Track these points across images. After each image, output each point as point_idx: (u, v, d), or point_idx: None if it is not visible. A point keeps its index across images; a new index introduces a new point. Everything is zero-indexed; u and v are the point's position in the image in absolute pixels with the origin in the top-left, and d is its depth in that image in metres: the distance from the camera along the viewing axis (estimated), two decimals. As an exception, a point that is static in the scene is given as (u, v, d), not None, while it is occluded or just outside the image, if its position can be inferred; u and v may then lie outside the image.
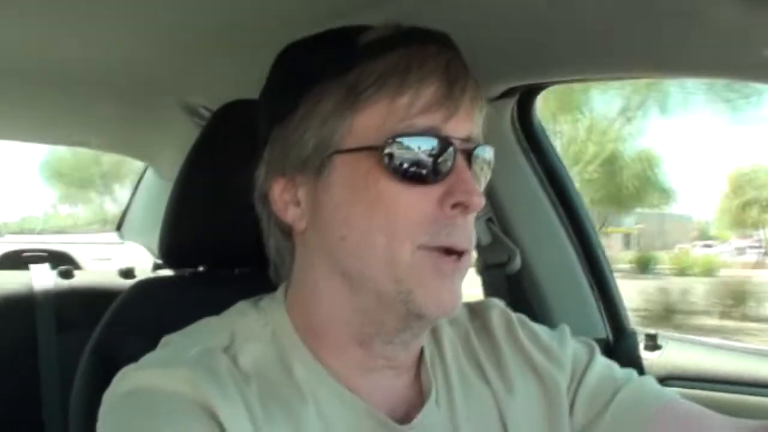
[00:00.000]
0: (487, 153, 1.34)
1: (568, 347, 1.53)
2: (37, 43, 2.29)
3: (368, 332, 1.30)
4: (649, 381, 1.53)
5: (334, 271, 1.30)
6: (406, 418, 1.34)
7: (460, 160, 1.26)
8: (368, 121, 1.25)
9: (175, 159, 1.96)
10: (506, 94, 2.32)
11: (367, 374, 1.33)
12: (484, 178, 1.35)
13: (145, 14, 2.02)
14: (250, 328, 1.33)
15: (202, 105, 2.90)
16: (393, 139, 1.22)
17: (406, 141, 1.22)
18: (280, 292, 1.41)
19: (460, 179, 1.24)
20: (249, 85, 1.47)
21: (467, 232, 1.27)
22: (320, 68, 1.30)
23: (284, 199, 1.34)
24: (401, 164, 1.22)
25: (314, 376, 1.29)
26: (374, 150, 1.23)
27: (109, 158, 14.79)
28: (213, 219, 1.68)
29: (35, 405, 3.04)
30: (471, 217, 1.28)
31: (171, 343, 1.32)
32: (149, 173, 4.61)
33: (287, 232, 1.38)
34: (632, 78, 1.99)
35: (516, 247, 2.50)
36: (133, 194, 5.04)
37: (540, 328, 1.57)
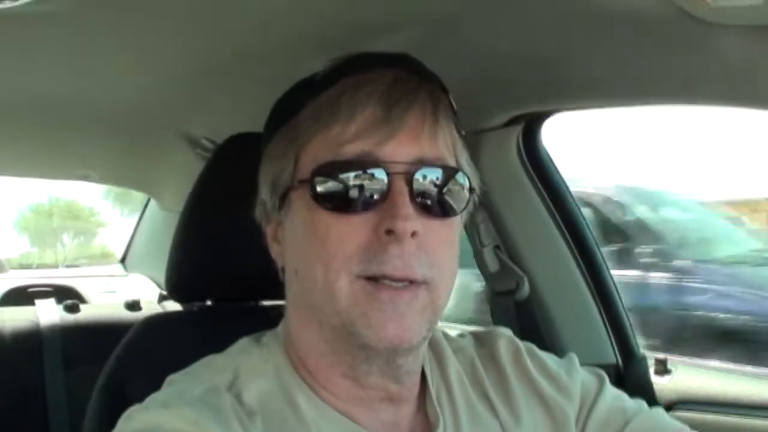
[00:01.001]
0: (436, 174, 1.27)
1: (576, 377, 1.51)
2: (37, 80, 2.29)
3: (346, 363, 1.29)
4: (659, 413, 1.52)
5: (303, 305, 1.31)
6: None
7: (398, 185, 1.22)
8: (308, 156, 1.27)
9: (177, 190, 1.96)
10: (512, 122, 2.32)
11: (367, 407, 1.32)
12: (458, 201, 1.30)
13: (146, 48, 2.02)
14: (253, 365, 1.32)
15: (204, 136, 2.89)
16: (318, 170, 1.23)
17: (331, 170, 1.22)
18: (280, 327, 1.41)
19: (392, 204, 1.21)
20: (251, 116, 1.48)
21: (405, 260, 1.21)
22: (280, 114, 1.35)
23: (272, 238, 1.39)
24: (326, 195, 1.22)
25: (318, 411, 1.28)
26: (307, 183, 1.24)
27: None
28: (219, 252, 1.68)
29: None
30: (417, 244, 1.22)
31: (175, 382, 1.31)
32: (152, 205, 4.61)
33: (283, 269, 1.39)
34: (642, 106, 1.97)
35: (524, 274, 2.49)
36: (137, 226, 5.06)
37: (548, 357, 1.55)
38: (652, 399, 2.45)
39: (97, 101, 2.57)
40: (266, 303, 1.78)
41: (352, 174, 1.22)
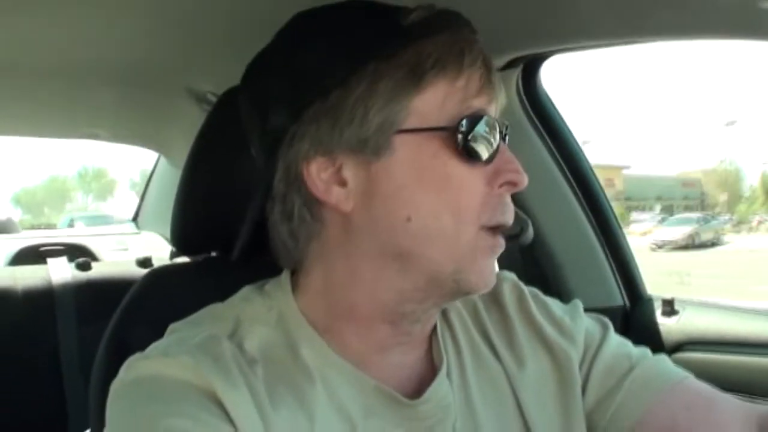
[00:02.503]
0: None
1: (580, 322, 1.52)
2: (40, 38, 2.29)
3: (401, 311, 1.30)
4: (664, 360, 1.52)
5: (385, 252, 1.27)
6: (417, 392, 1.33)
7: (502, 143, 1.29)
8: (431, 102, 1.24)
9: (185, 147, 1.96)
10: (510, 64, 2.31)
11: (381, 352, 1.33)
12: None
13: (152, 2, 2.02)
14: (255, 313, 1.33)
15: (209, 91, 2.89)
16: (460, 119, 1.23)
17: (471, 122, 1.23)
18: (285, 276, 1.40)
19: (506, 159, 1.28)
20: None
21: (512, 209, 1.30)
22: (371, 44, 1.27)
23: (324, 179, 1.28)
24: (466, 145, 1.23)
25: (321, 357, 1.29)
26: (441, 131, 1.23)
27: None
28: (222, 205, 1.68)
29: (59, 397, 3.06)
30: None
31: (177, 330, 1.32)
32: (162, 162, 4.61)
33: (317, 214, 1.32)
34: (638, 43, 1.96)
35: (528, 218, 2.49)
36: (148, 184, 5.06)
37: (552, 302, 1.57)
38: (659, 340, 2.48)
39: (104, 58, 2.56)
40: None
41: (484, 127, 1.24)
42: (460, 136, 1.23)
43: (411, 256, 1.26)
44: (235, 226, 1.68)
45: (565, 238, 2.59)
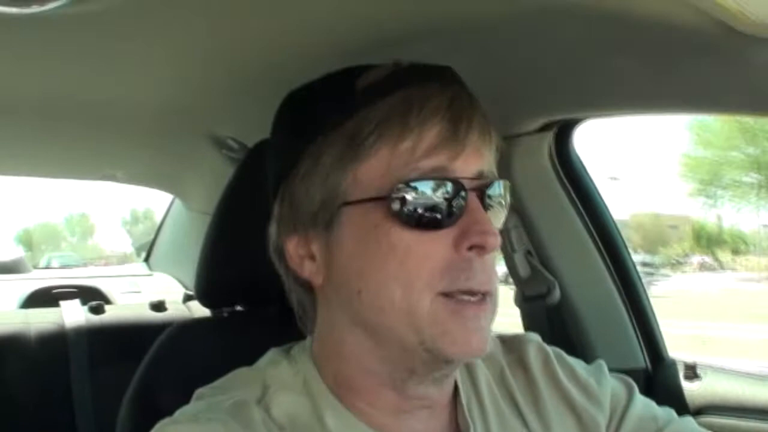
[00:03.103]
0: (499, 189, 1.29)
1: (606, 384, 1.50)
2: (62, 80, 2.28)
3: (399, 378, 1.27)
4: (690, 421, 1.51)
5: (356, 324, 1.27)
6: None
7: (473, 200, 1.22)
8: (372, 170, 1.22)
9: (203, 191, 1.96)
10: (544, 127, 2.30)
11: (401, 417, 1.31)
12: (501, 213, 1.31)
13: (173, 48, 2.01)
14: (281, 378, 1.31)
15: (230, 136, 2.88)
16: (400, 185, 1.19)
17: (414, 186, 1.19)
18: (308, 341, 1.39)
19: (474, 220, 1.21)
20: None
21: (487, 273, 1.23)
22: (320, 119, 1.28)
23: (299, 254, 1.32)
24: (412, 211, 1.19)
25: (346, 425, 1.27)
26: (381, 200, 1.20)
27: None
28: (251, 257, 1.66)
29: None
30: (490, 258, 1.24)
31: (204, 396, 1.31)
32: (177, 204, 4.61)
33: (307, 286, 1.36)
34: (669, 114, 1.97)
35: (555, 279, 2.49)
36: (161, 225, 5.06)
37: (577, 363, 1.54)
38: (682, 404, 2.44)
39: (124, 101, 2.56)
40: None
41: (437, 189, 1.20)
42: (397, 204, 1.19)
43: (374, 327, 1.25)
44: (261, 281, 1.67)
45: (591, 299, 2.57)
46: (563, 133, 2.43)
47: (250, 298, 1.76)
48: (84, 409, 3.07)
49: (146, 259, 5.32)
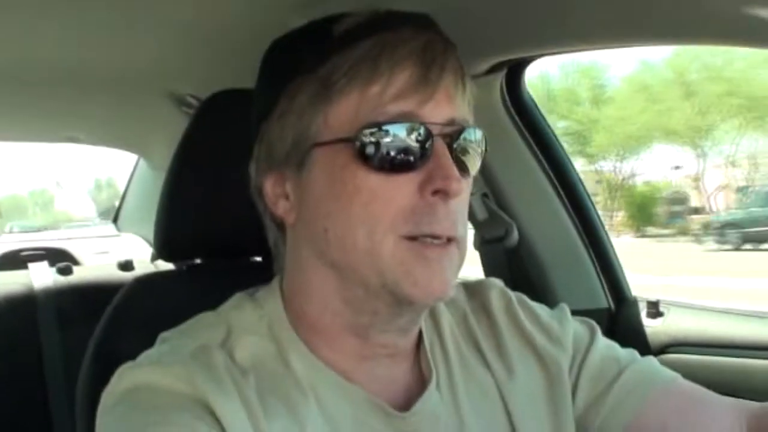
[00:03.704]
0: (473, 135, 1.29)
1: (568, 327, 1.51)
2: (19, 41, 2.27)
3: (362, 322, 1.29)
4: (652, 361, 1.51)
5: (323, 263, 1.28)
6: (406, 405, 1.32)
7: (440, 145, 1.23)
8: (342, 113, 1.23)
9: (165, 149, 1.95)
10: (494, 69, 2.30)
11: (364, 363, 1.32)
12: (476, 159, 1.31)
13: (130, 9, 2.01)
14: (246, 321, 1.32)
15: (189, 93, 2.88)
16: (365, 128, 1.20)
17: (380, 129, 1.20)
18: (275, 283, 1.40)
19: (439, 165, 1.21)
20: (235, 72, 1.47)
21: (451, 219, 1.23)
22: (297, 63, 1.29)
23: (276, 193, 1.34)
24: (376, 154, 1.20)
25: (312, 368, 1.28)
26: (348, 142, 1.21)
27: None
28: (207, 211, 1.67)
29: (42, 403, 3.04)
30: (456, 203, 1.24)
31: (168, 339, 1.31)
32: (141, 164, 4.61)
33: (280, 224, 1.38)
34: (621, 47, 1.96)
35: (512, 221, 2.49)
36: (128, 186, 5.05)
37: (540, 308, 1.55)
38: (644, 342, 2.47)
39: (83, 62, 2.55)
40: (257, 259, 1.78)
41: (398, 133, 1.20)
42: (359, 145, 1.20)
43: (339, 267, 1.26)
44: (219, 234, 1.67)
45: (550, 240, 2.59)
46: (514, 73, 2.44)
47: (209, 251, 1.76)
48: (54, 369, 3.07)
49: (114, 220, 5.31)
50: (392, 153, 1.20)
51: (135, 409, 1.16)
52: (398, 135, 1.20)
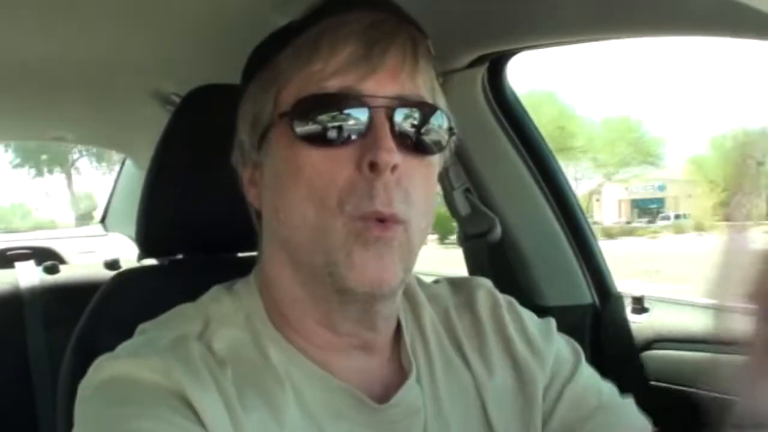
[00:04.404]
0: (429, 115, 1.28)
1: (552, 344, 1.50)
2: (6, 40, 2.28)
3: (321, 310, 1.28)
4: (629, 405, 1.50)
5: (279, 246, 1.30)
6: (384, 397, 1.31)
7: (379, 119, 1.21)
8: (288, 93, 1.25)
9: (150, 148, 1.95)
10: (475, 62, 2.29)
11: (339, 355, 1.32)
12: (433, 139, 1.29)
13: (111, 3, 2.01)
14: (223, 313, 1.32)
15: (173, 92, 2.89)
16: (298, 104, 1.22)
17: (315, 103, 1.22)
18: (252, 275, 1.40)
19: (373, 138, 1.20)
20: (217, 69, 1.47)
21: (389, 195, 1.20)
22: (259, 58, 1.35)
23: (249, 182, 1.37)
24: (312, 129, 1.21)
25: (289, 359, 1.28)
26: (287, 117, 1.23)
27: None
28: (188, 206, 1.67)
29: (29, 402, 3.04)
30: (398, 179, 1.21)
31: (146, 331, 1.31)
32: (128, 164, 4.61)
33: (258, 214, 1.39)
34: (605, 40, 1.95)
35: (495, 216, 2.49)
36: (115, 185, 5.05)
37: (528, 316, 1.54)
38: (629, 338, 2.47)
39: (68, 62, 2.57)
40: (240, 255, 1.78)
41: (333, 107, 1.21)
42: (298, 121, 1.22)
43: (290, 247, 1.28)
44: (201, 229, 1.67)
45: (534, 236, 2.58)
46: (496, 67, 2.43)
47: (191, 247, 1.76)
48: (40, 368, 3.07)
49: (102, 220, 5.31)
50: (330, 128, 1.21)
51: (111, 401, 1.16)
52: (335, 108, 1.21)
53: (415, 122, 1.26)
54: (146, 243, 1.75)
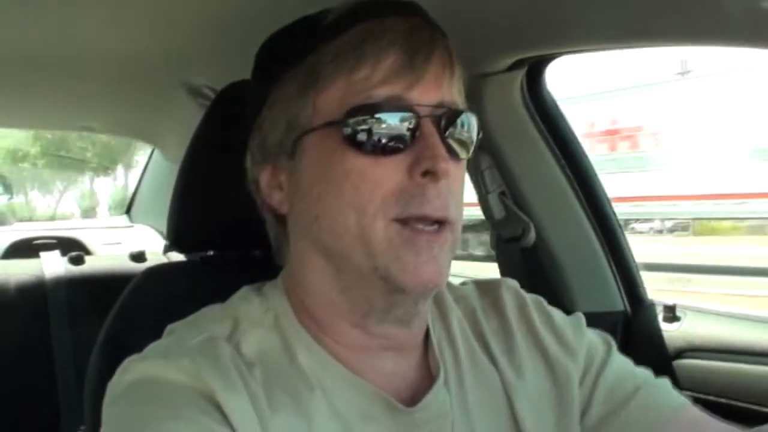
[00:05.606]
0: (465, 120, 1.30)
1: (582, 337, 1.50)
2: (38, 30, 2.28)
3: (359, 312, 1.28)
4: (666, 384, 1.50)
5: (317, 251, 1.29)
6: (413, 400, 1.31)
7: (428, 127, 1.23)
8: (330, 99, 1.25)
9: (180, 141, 1.95)
10: (514, 66, 2.29)
11: (369, 356, 1.31)
12: (468, 144, 1.32)
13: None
14: (252, 314, 1.32)
15: (205, 85, 2.88)
16: (352, 111, 1.22)
17: (367, 112, 1.21)
18: (280, 276, 1.40)
19: (427, 146, 1.22)
20: (251, 64, 1.45)
21: (442, 200, 1.23)
22: (286, 55, 1.32)
23: (270, 185, 1.36)
24: (364, 137, 1.21)
25: (318, 361, 1.28)
26: (336, 125, 1.23)
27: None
28: (220, 202, 1.66)
29: (51, 392, 3.05)
30: (447, 185, 1.24)
31: (175, 332, 1.31)
32: (156, 155, 4.61)
33: (279, 217, 1.39)
34: (640, 48, 1.95)
35: (530, 220, 2.48)
36: (142, 177, 5.07)
37: (556, 313, 1.54)
38: (661, 346, 2.44)
39: (100, 51, 2.56)
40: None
41: (385, 116, 1.21)
42: (348, 129, 1.21)
43: (332, 253, 1.27)
44: (233, 226, 1.66)
45: (567, 241, 2.58)
46: (535, 71, 2.42)
47: (222, 243, 1.75)
48: (63, 358, 3.08)
49: (127, 211, 5.32)
50: (381, 135, 1.21)
51: (140, 402, 1.16)
52: (386, 117, 1.21)
53: (457, 128, 1.28)
54: (177, 238, 1.74)
